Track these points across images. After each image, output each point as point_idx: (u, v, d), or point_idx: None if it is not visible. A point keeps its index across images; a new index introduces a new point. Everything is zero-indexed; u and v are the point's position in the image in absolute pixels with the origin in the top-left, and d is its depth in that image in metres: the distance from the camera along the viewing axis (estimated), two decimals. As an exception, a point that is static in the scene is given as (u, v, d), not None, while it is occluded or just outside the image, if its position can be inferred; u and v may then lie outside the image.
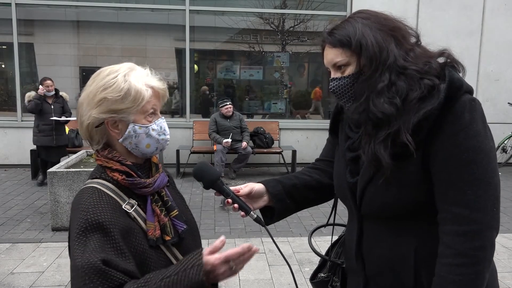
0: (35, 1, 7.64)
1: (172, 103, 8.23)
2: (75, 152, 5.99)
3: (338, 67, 1.18)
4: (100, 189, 1.13)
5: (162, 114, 1.24)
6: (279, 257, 3.94)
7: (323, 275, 1.47)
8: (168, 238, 1.17)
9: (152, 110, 1.17)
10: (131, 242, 1.09)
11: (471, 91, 1.11)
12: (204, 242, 1.32)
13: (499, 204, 1.07)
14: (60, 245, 4.19)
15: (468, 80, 1.14)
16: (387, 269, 1.20)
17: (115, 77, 1.13)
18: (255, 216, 1.29)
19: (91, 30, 8.06)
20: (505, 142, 8.01)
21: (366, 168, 1.17)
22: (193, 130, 7.70)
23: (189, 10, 7.78)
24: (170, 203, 1.23)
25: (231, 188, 1.31)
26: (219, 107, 7.17)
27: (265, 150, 7.40)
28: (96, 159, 1.20)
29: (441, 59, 1.15)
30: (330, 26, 1.20)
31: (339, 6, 8.07)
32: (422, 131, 1.08)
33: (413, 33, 1.19)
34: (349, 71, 1.16)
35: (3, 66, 8.18)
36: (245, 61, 8.48)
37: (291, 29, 8.40)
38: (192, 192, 6.23)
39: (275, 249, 4.11)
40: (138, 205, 1.16)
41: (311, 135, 8.08)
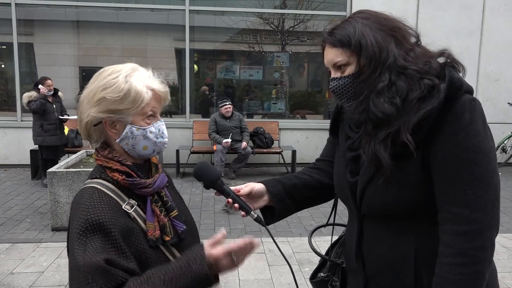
0: (35, 1, 7.63)
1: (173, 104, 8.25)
2: (75, 152, 6.00)
3: (338, 67, 1.18)
4: (100, 189, 1.13)
5: (162, 115, 1.24)
6: (279, 257, 3.94)
7: (323, 274, 1.47)
8: (167, 238, 1.17)
9: (151, 112, 1.16)
10: (131, 242, 1.09)
11: (471, 91, 1.11)
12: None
13: (499, 204, 1.07)
14: (60, 245, 4.19)
15: (468, 80, 1.14)
16: (387, 269, 1.20)
17: (116, 77, 1.13)
18: (256, 216, 1.29)
19: (91, 30, 8.06)
20: (505, 142, 8.02)
21: (366, 168, 1.17)
22: (193, 130, 7.70)
23: (189, 10, 7.78)
24: (169, 203, 1.23)
25: (232, 188, 1.32)
26: (219, 107, 7.17)
27: (265, 150, 7.40)
28: (96, 159, 1.19)
29: (441, 59, 1.15)
30: (330, 26, 1.20)
31: (339, 6, 8.07)
32: (422, 131, 1.08)
33: (413, 33, 1.19)
34: (349, 71, 1.16)
35: (3, 66, 8.18)
36: (245, 61, 8.48)
37: (291, 29, 8.40)
38: (192, 192, 6.23)
39: (275, 249, 4.10)
40: (137, 206, 1.16)
41: (311, 135, 8.08)
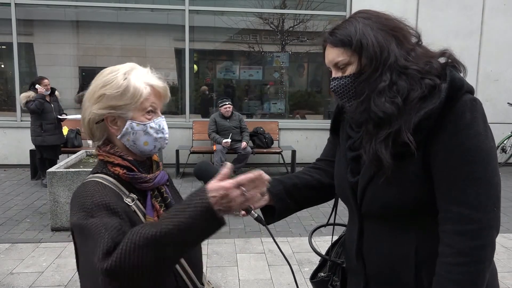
0: (35, 1, 7.63)
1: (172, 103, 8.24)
2: (74, 152, 6.00)
3: (339, 66, 1.18)
4: (102, 182, 1.16)
5: (162, 114, 1.26)
6: (279, 257, 3.94)
7: (323, 274, 1.47)
8: None
9: (151, 108, 1.19)
10: None
11: (472, 91, 1.11)
12: (204, 241, 1.33)
13: (500, 203, 1.07)
14: (59, 245, 4.19)
15: (467, 80, 1.14)
16: (387, 269, 1.20)
17: (115, 74, 1.17)
18: (256, 215, 1.29)
19: (91, 30, 8.06)
20: (505, 142, 8.02)
21: (367, 167, 1.17)
22: (193, 130, 7.70)
23: (189, 10, 7.78)
24: (169, 200, 1.27)
25: None
26: (219, 107, 7.17)
27: (265, 150, 7.40)
28: (97, 154, 1.22)
29: (442, 59, 1.15)
30: (331, 26, 1.20)
31: (339, 6, 8.07)
32: (423, 131, 1.08)
33: (414, 33, 1.19)
34: (350, 70, 1.17)
35: (3, 66, 8.17)
36: (245, 61, 8.48)
37: (291, 29, 8.40)
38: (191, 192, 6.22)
39: (275, 249, 4.10)
40: (138, 200, 1.19)
41: (311, 135, 8.08)
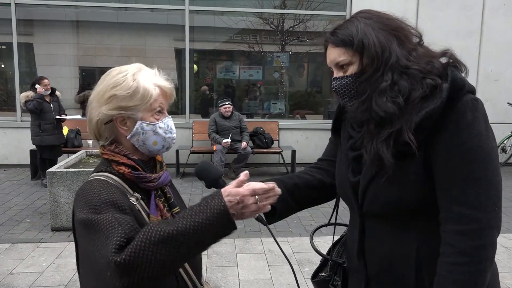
0: (35, 1, 7.63)
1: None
2: (74, 152, 6.00)
3: (340, 66, 1.19)
4: (107, 181, 1.16)
5: None
6: (279, 257, 3.94)
7: (324, 274, 1.47)
8: None
9: (159, 108, 1.21)
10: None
11: (473, 91, 1.11)
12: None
13: (501, 203, 1.07)
14: (59, 245, 4.19)
15: (467, 80, 1.14)
16: (388, 268, 1.20)
17: (125, 75, 1.18)
18: (257, 215, 1.29)
19: (91, 30, 8.06)
20: (505, 142, 8.02)
21: (368, 167, 1.18)
22: (193, 130, 7.70)
23: (189, 10, 7.78)
24: (172, 199, 1.28)
25: None
26: (218, 107, 7.16)
27: (265, 150, 7.40)
28: (102, 153, 1.23)
29: (443, 59, 1.15)
30: (333, 25, 1.21)
31: (339, 6, 8.07)
32: (424, 130, 1.08)
33: (416, 33, 1.19)
34: (351, 70, 1.17)
35: (3, 66, 8.17)
36: (245, 61, 8.48)
37: (291, 29, 8.40)
38: (191, 192, 6.22)
39: (275, 249, 4.11)
40: (142, 200, 1.19)
41: (311, 135, 8.08)
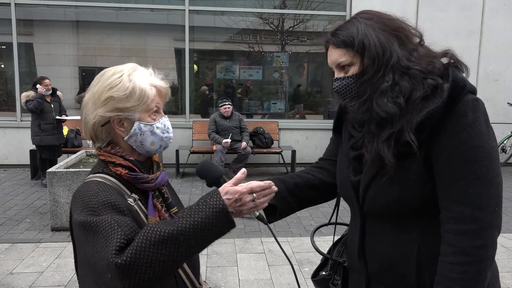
0: (35, 1, 7.63)
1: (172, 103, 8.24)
2: (74, 152, 6.00)
3: (341, 67, 1.19)
4: (104, 182, 1.16)
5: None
6: (279, 257, 3.94)
7: (324, 273, 1.48)
8: None
9: (156, 108, 1.21)
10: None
11: (474, 91, 1.12)
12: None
13: (501, 203, 1.07)
14: (59, 245, 4.19)
15: (468, 80, 1.14)
16: (389, 268, 1.21)
17: (120, 76, 1.16)
18: (257, 214, 1.29)
19: (91, 30, 8.06)
20: (505, 142, 8.02)
21: (369, 166, 1.18)
22: (193, 130, 7.69)
23: (189, 10, 7.78)
24: (170, 200, 1.28)
25: None
26: (218, 106, 7.16)
27: (265, 150, 7.40)
28: (99, 154, 1.22)
29: (444, 59, 1.16)
30: (333, 26, 1.21)
31: (339, 6, 8.07)
32: (425, 130, 1.08)
33: (416, 33, 1.19)
34: (352, 71, 1.17)
35: (3, 66, 8.17)
36: (245, 61, 8.48)
37: (291, 29, 8.40)
38: (191, 192, 6.22)
39: (275, 249, 4.11)
40: (139, 200, 1.19)
41: (311, 135, 8.08)
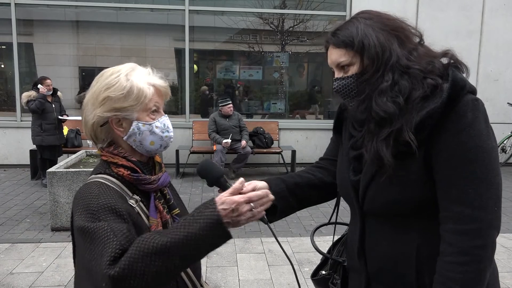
0: (35, 1, 7.63)
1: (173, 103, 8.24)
2: (74, 152, 6.00)
3: (341, 67, 1.19)
4: (106, 183, 1.15)
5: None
6: (279, 257, 3.94)
7: (324, 272, 1.48)
8: None
9: (154, 107, 1.20)
10: (138, 232, 1.11)
11: (474, 91, 1.12)
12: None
13: (501, 203, 1.07)
14: (59, 245, 4.19)
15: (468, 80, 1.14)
16: (389, 267, 1.21)
17: (118, 76, 1.16)
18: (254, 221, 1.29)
19: (91, 30, 8.06)
20: (505, 142, 8.03)
21: (369, 166, 1.18)
22: (193, 130, 7.70)
23: (189, 10, 7.78)
24: (172, 201, 1.27)
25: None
26: (220, 106, 7.13)
27: (265, 150, 7.40)
28: (101, 154, 1.22)
29: (444, 59, 1.16)
30: (333, 26, 1.21)
31: (339, 6, 8.07)
32: (425, 130, 1.08)
33: (416, 33, 1.20)
34: (352, 71, 1.17)
35: (3, 66, 8.17)
36: (245, 61, 8.48)
37: (291, 29, 8.40)
38: (191, 192, 6.22)
39: (275, 249, 4.11)
40: (141, 202, 1.18)
41: (311, 135, 8.08)
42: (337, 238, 1.54)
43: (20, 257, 3.91)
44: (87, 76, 8.14)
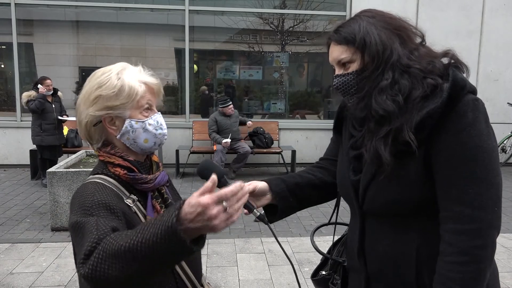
0: (35, 1, 7.63)
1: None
2: (74, 152, 6.00)
3: (342, 64, 1.19)
4: (103, 183, 1.15)
5: (162, 114, 1.28)
6: (279, 257, 3.94)
7: (324, 273, 1.48)
8: None
9: (147, 105, 1.20)
10: None
11: (474, 91, 1.12)
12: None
13: (501, 203, 1.07)
14: (59, 245, 4.19)
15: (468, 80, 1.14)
16: (389, 267, 1.21)
17: (109, 75, 1.17)
18: (258, 213, 1.29)
19: (91, 30, 8.06)
20: (505, 142, 8.02)
21: (368, 166, 1.18)
22: (193, 130, 7.69)
23: (189, 10, 7.78)
24: (169, 200, 1.27)
25: None
26: (221, 106, 7.08)
27: (265, 150, 7.39)
28: (98, 154, 1.23)
29: (445, 59, 1.16)
30: (331, 25, 1.21)
31: (339, 6, 8.07)
32: (425, 130, 1.08)
33: (418, 33, 1.20)
34: (353, 68, 1.18)
35: (3, 66, 8.17)
36: (245, 61, 8.48)
37: (291, 29, 8.40)
38: (191, 192, 6.18)
39: (275, 249, 4.11)
40: (138, 201, 1.18)
41: (311, 135, 8.08)
42: (337, 238, 1.54)
43: (20, 257, 3.91)
44: (87, 76, 7.98)
